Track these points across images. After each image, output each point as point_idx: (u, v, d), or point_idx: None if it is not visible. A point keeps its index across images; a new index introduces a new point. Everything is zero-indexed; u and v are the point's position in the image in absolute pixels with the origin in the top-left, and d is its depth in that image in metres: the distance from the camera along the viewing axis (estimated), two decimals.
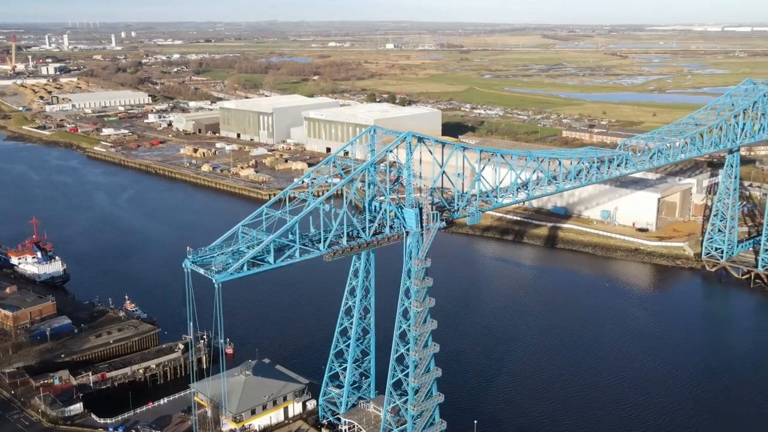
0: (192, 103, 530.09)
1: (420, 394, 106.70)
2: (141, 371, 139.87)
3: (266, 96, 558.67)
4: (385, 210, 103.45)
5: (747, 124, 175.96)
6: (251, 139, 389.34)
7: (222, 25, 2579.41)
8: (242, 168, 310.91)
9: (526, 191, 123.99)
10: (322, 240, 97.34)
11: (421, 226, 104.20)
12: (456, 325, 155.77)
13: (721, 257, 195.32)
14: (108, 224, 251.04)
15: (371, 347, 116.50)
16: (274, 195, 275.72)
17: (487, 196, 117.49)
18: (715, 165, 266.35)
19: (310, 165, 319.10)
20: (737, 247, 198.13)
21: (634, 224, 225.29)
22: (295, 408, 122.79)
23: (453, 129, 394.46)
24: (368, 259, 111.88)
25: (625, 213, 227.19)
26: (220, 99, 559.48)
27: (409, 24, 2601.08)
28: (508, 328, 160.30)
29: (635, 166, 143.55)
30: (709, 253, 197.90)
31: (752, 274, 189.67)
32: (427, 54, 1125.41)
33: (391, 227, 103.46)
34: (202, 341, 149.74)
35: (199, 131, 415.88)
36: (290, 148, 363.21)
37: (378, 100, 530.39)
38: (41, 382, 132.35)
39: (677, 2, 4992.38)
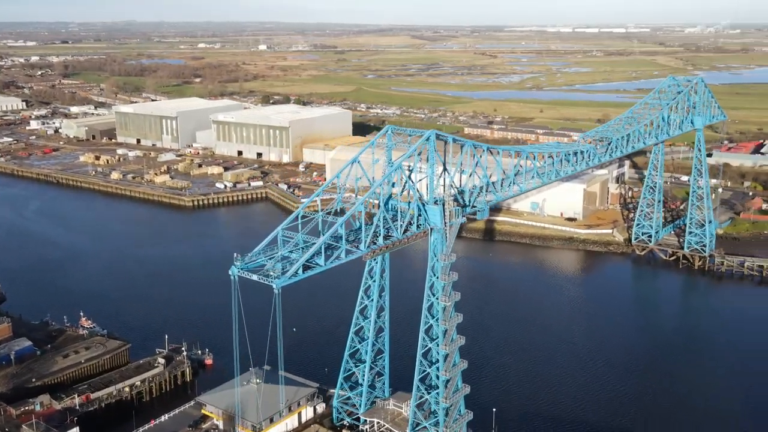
0: (74, 108, 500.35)
1: (450, 386, 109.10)
2: (127, 389, 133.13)
3: (153, 100, 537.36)
4: (407, 208, 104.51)
5: (671, 117, 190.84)
6: (153, 145, 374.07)
7: (75, 26, 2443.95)
8: (156, 174, 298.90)
9: (519, 185, 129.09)
10: (363, 240, 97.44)
11: (444, 223, 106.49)
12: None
13: (650, 241, 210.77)
14: (24, 239, 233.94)
15: (386, 346, 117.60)
16: (197, 201, 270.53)
17: (488, 191, 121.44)
18: (620, 157, 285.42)
19: (226, 169, 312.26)
20: (662, 231, 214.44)
21: (562, 214, 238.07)
22: (308, 413, 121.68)
23: (358, 129, 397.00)
24: (384, 258, 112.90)
25: (553, 204, 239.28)
26: (102, 103, 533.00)
27: (275, 25, 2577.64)
28: (485, 320, 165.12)
29: (600, 158, 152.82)
30: (638, 238, 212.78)
31: (679, 255, 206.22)
32: (302, 55, 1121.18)
33: (417, 225, 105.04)
34: (183, 353, 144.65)
35: (93, 137, 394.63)
36: (198, 153, 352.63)
37: (271, 101, 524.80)
38: (21, 409, 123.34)
39: (530, 4, 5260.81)
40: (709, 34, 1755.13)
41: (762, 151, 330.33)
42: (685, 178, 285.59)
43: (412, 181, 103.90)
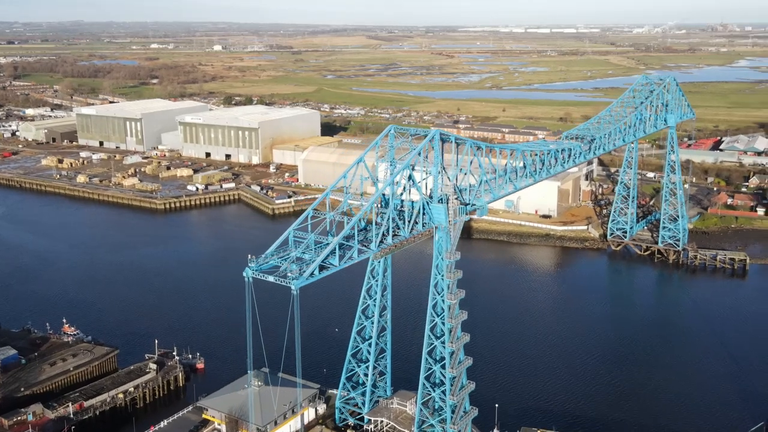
0: (30, 111, 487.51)
1: (456, 383, 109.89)
2: (120, 396, 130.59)
3: (111, 101, 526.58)
4: (411, 206, 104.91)
5: (645, 114, 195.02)
6: (117, 147, 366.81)
7: (20, 26, 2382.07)
8: (124, 177, 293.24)
9: (514, 183, 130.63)
10: (374, 239, 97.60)
11: (449, 220, 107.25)
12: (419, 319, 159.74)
13: (624, 237, 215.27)
14: None
15: (388, 345, 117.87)
16: (169, 204, 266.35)
17: (486, 190, 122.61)
18: None
19: (195, 171, 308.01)
20: (636, 226, 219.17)
21: (536, 211, 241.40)
22: (309, 414, 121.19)
23: (324, 129, 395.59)
24: (386, 258, 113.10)
25: (528, 201, 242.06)
26: (59, 105, 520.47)
27: (227, 25, 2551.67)
28: (474, 318, 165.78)
29: (585, 156, 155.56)
30: (613, 234, 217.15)
31: (653, 249, 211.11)
32: (259, 56, 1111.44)
33: (423, 224, 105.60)
34: (175, 358, 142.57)
35: (54, 140, 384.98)
36: (165, 155, 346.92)
37: (233, 102, 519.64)
38: (14, 419, 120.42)
39: (482, 5, 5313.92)
40: (656, 34, 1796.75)
41: (721, 147, 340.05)
42: (650, 174, 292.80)
43: (414, 181, 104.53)
